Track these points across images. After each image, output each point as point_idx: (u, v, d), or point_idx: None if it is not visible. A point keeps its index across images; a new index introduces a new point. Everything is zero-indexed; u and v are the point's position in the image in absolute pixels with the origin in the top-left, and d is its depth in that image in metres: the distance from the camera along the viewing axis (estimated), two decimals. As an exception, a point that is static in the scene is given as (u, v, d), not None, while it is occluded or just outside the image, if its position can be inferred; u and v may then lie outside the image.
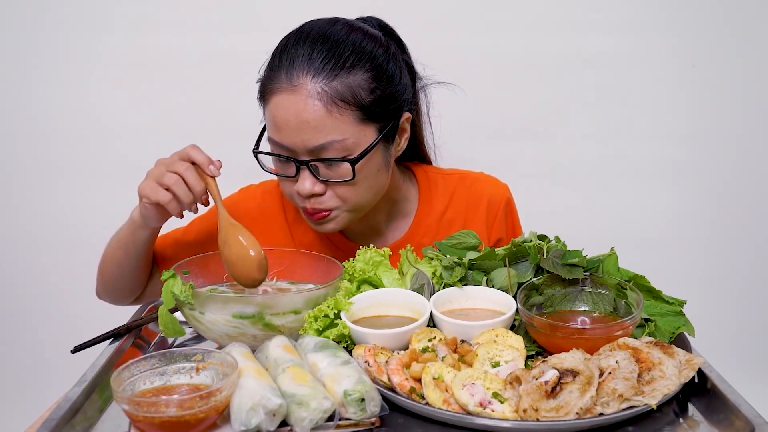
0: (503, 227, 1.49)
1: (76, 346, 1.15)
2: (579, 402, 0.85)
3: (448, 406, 0.88)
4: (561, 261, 1.10)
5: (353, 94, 1.20)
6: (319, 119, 1.19)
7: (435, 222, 1.46)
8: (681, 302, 1.08)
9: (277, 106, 1.22)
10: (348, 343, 1.04)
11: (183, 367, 0.95)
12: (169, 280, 1.07)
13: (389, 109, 1.26)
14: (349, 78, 1.20)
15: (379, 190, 1.32)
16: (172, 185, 1.16)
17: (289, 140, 1.21)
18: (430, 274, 1.16)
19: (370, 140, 1.24)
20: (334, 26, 1.25)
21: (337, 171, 1.23)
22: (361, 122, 1.22)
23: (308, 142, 1.20)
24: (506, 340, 1.00)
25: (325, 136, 1.19)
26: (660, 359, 0.93)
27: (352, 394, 0.87)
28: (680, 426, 0.91)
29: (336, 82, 1.19)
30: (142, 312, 1.31)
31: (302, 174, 1.23)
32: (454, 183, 1.50)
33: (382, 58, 1.25)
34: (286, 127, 1.20)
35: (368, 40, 1.25)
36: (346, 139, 1.20)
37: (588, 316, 1.08)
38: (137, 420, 0.85)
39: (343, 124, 1.20)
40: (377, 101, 1.23)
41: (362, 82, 1.21)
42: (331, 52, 1.21)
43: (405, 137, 1.35)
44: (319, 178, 1.24)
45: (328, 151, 1.21)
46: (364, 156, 1.22)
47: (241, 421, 0.85)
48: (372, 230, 1.46)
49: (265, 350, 1.00)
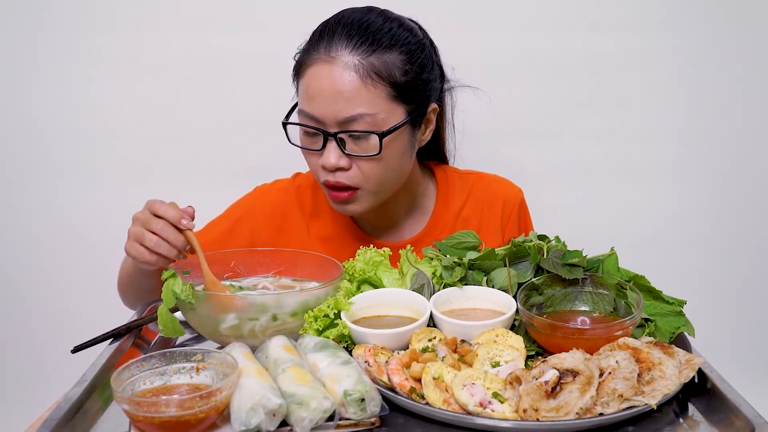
0: (516, 228, 1.52)
1: (76, 346, 1.15)
2: (579, 402, 0.85)
3: (448, 406, 0.88)
4: (561, 261, 1.10)
5: (388, 70, 1.25)
6: (353, 90, 1.23)
7: (452, 219, 1.49)
8: (681, 302, 1.08)
9: (313, 75, 1.25)
10: (348, 343, 1.04)
11: (183, 367, 0.95)
12: (169, 279, 1.07)
13: (419, 93, 1.31)
14: (384, 56, 1.25)
15: (402, 173, 1.35)
16: (153, 247, 1.14)
17: (321, 110, 1.24)
18: (430, 274, 1.16)
19: (399, 120, 1.27)
20: (370, 13, 1.30)
21: (364, 145, 1.26)
22: (392, 100, 1.26)
23: (339, 113, 1.23)
24: (506, 340, 1.00)
25: (357, 107, 1.23)
26: (660, 359, 0.93)
27: (352, 394, 0.87)
28: (680, 426, 0.91)
29: (372, 57, 1.24)
30: (142, 312, 1.31)
31: (329, 146, 1.26)
32: (471, 182, 1.53)
33: (415, 45, 1.30)
34: (320, 97, 1.24)
35: (403, 28, 1.30)
36: (376, 114, 1.24)
37: (588, 316, 1.08)
38: (137, 420, 0.85)
39: (375, 98, 1.24)
40: (409, 83, 1.28)
41: (397, 61, 1.26)
42: (369, 32, 1.26)
43: (430, 129, 1.39)
44: (345, 152, 1.26)
45: (357, 123, 1.24)
46: (391, 132, 1.26)
47: (241, 421, 0.85)
48: (390, 224, 1.48)
49: (265, 350, 1.00)
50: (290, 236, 1.47)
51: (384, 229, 1.48)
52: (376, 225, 1.48)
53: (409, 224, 1.49)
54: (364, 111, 1.23)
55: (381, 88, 1.24)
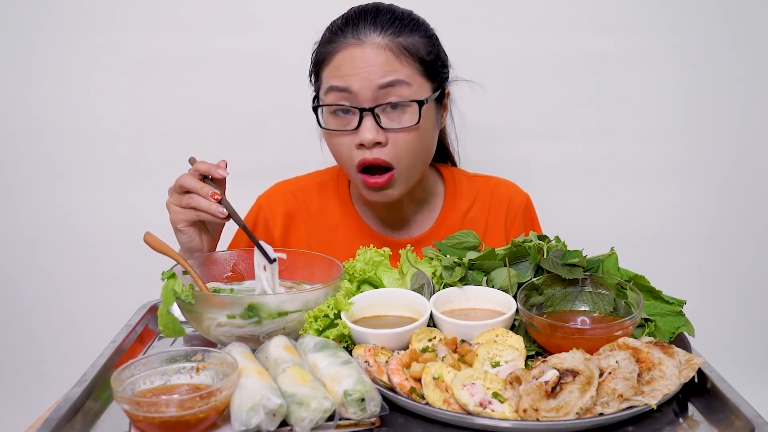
0: (521, 231, 1.53)
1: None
2: (579, 402, 0.85)
3: (448, 406, 0.88)
4: (561, 261, 1.10)
5: (416, 48, 1.30)
6: (388, 61, 1.26)
7: (459, 219, 1.49)
8: (681, 302, 1.08)
9: (344, 58, 1.28)
10: (348, 343, 1.04)
11: (183, 367, 0.95)
12: (169, 279, 1.07)
13: (441, 74, 1.36)
14: (411, 37, 1.30)
15: (430, 152, 1.39)
16: (192, 219, 1.19)
17: (357, 82, 1.26)
18: (430, 274, 1.16)
19: (428, 94, 1.32)
20: (384, 5, 1.35)
21: (402, 116, 1.28)
22: (422, 75, 1.31)
23: (376, 81, 1.26)
24: (506, 340, 1.00)
25: (394, 74, 1.26)
26: (660, 359, 0.93)
27: (352, 394, 0.87)
28: (680, 426, 0.91)
29: (401, 38, 1.28)
30: (142, 312, 1.31)
31: (365, 122, 1.27)
32: (479, 185, 1.55)
33: (432, 31, 1.36)
34: (353, 70, 1.26)
35: (417, 17, 1.36)
36: (411, 84, 1.28)
37: (588, 316, 1.08)
38: (137, 420, 0.85)
39: (409, 70, 1.28)
40: (434, 61, 1.33)
41: (422, 42, 1.31)
42: (394, 16, 1.31)
43: (446, 113, 1.44)
44: (382, 126, 1.28)
45: (395, 90, 1.27)
46: (428, 102, 1.30)
47: (241, 421, 0.85)
48: (400, 221, 1.49)
49: (265, 350, 1.00)
50: (297, 236, 1.48)
51: (392, 225, 1.49)
52: (384, 221, 1.49)
53: (418, 221, 1.50)
54: (400, 78, 1.26)
55: (412, 64, 1.28)
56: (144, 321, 1.24)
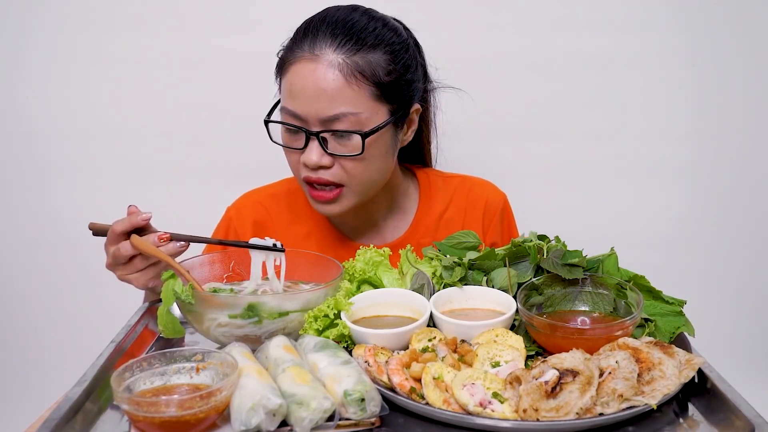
0: (498, 232, 1.51)
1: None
2: (579, 402, 0.85)
3: (448, 406, 0.88)
4: (561, 261, 1.10)
5: (372, 70, 1.24)
6: (337, 89, 1.21)
7: (434, 222, 1.47)
8: (681, 302, 1.08)
9: (296, 73, 1.24)
10: (348, 343, 1.04)
11: (183, 367, 0.95)
12: (169, 280, 1.07)
13: (403, 94, 1.29)
14: (369, 55, 1.24)
15: (384, 173, 1.35)
16: (131, 266, 1.16)
17: (304, 108, 1.23)
18: (430, 274, 1.16)
19: (382, 119, 1.26)
20: (355, 12, 1.29)
21: (347, 145, 1.25)
22: (376, 100, 1.25)
23: (322, 111, 1.22)
24: (506, 340, 1.00)
25: (340, 106, 1.22)
26: (660, 359, 0.93)
27: (352, 394, 0.87)
28: (680, 426, 0.91)
29: (357, 56, 1.23)
30: (141, 312, 1.30)
31: (311, 145, 1.25)
32: (455, 186, 1.52)
33: (399, 46, 1.29)
34: (303, 95, 1.23)
35: (387, 28, 1.29)
36: (359, 114, 1.23)
37: (588, 316, 1.08)
38: (137, 420, 0.85)
39: (358, 97, 1.23)
40: (393, 83, 1.26)
41: (381, 61, 1.25)
42: (353, 32, 1.24)
43: (412, 129, 1.38)
44: (328, 151, 1.25)
45: (340, 122, 1.23)
46: (374, 132, 1.25)
47: (241, 421, 0.85)
48: (371, 226, 1.47)
49: (265, 350, 1.00)
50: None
51: (364, 233, 1.47)
52: (356, 228, 1.46)
53: (390, 226, 1.48)
54: (347, 110, 1.22)
55: (365, 88, 1.23)
56: (144, 321, 1.24)
